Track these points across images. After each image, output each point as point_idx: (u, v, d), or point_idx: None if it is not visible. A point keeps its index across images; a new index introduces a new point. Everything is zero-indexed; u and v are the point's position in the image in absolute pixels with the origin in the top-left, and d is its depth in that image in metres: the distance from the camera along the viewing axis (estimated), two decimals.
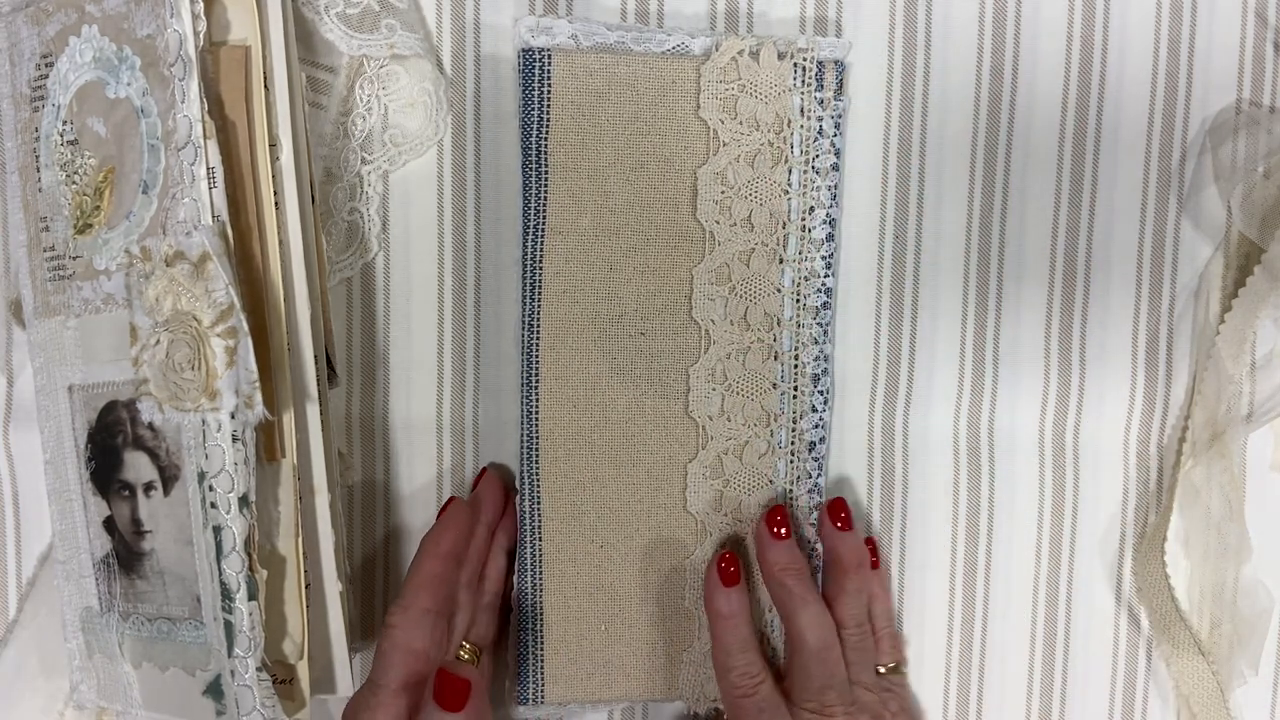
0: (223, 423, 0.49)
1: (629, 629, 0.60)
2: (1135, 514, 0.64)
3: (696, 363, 0.59)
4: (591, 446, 0.60)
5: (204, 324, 0.49)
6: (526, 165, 0.59)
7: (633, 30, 0.59)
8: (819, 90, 0.59)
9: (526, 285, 0.59)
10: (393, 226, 0.62)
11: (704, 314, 0.59)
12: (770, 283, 0.59)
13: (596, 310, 0.59)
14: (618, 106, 0.58)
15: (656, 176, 0.59)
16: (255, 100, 0.52)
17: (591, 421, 0.60)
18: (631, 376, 0.59)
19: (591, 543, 0.60)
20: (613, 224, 0.59)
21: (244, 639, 0.50)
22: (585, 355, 0.59)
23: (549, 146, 0.58)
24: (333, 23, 0.59)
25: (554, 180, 0.59)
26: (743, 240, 0.59)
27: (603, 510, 0.60)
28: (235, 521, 0.50)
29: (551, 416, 0.59)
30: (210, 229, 0.49)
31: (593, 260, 0.59)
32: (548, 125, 0.58)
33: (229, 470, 0.49)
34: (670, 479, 0.60)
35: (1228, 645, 0.62)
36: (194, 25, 0.50)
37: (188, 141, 0.50)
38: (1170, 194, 0.63)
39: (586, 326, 0.59)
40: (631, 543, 0.60)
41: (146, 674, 0.55)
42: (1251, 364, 0.62)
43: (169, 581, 0.53)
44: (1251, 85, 0.62)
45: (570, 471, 0.60)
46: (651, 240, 0.59)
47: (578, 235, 0.59)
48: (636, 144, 0.59)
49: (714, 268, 0.59)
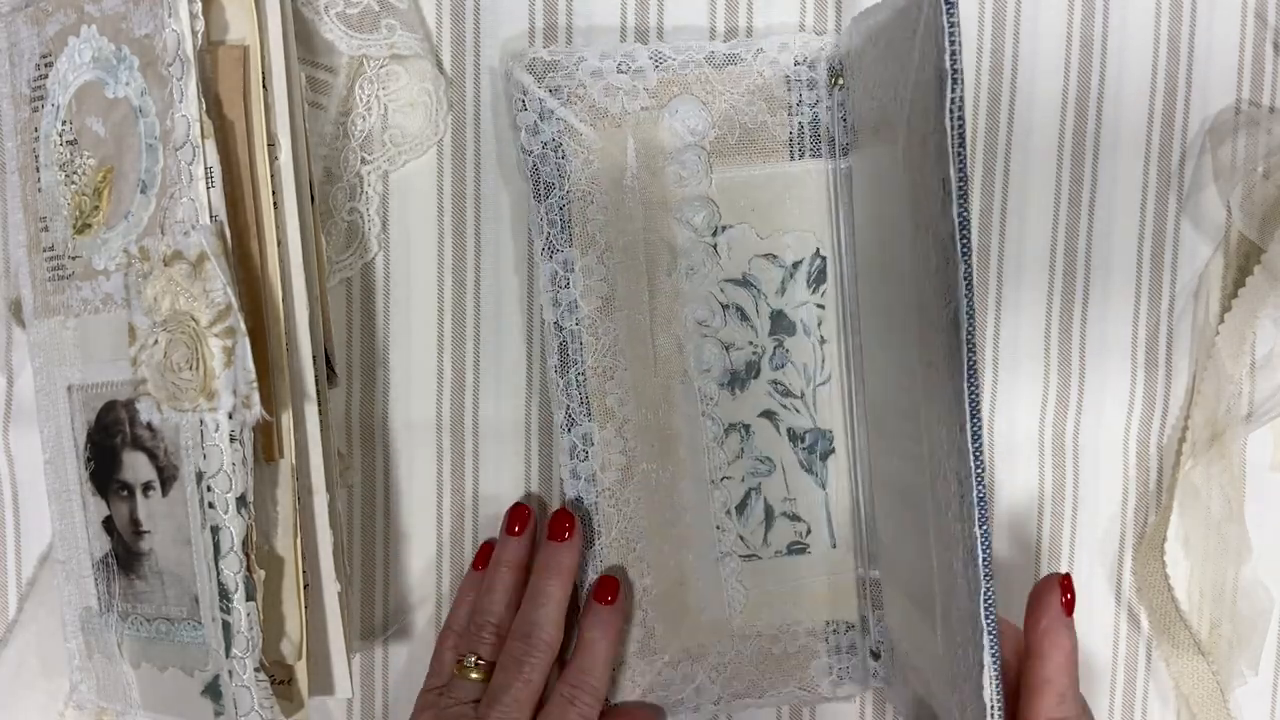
0: (220, 423, 0.49)
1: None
2: (1135, 514, 0.64)
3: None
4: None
5: (202, 324, 0.49)
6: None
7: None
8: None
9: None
10: (393, 226, 0.62)
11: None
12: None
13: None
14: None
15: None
16: (254, 100, 0.52)
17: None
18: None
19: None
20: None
21: (242, 639, 0.50)
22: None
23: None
24: (333, 23, 0.59)
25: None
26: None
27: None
28: (233, 522, 0.49)
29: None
30: (208, 229, 0.49)
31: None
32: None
33: (227, 470, 0.49)
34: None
35: (1227, 645, 0.62)
36: (192, 25, 0.50)
37: (185, 141, 0.50)
38: (1170, 194, 0.62)
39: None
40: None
41: (145, 674, 0.55)
42: (1251, 364, 0.62)
43: (167, 582, 0.53)
44: (1251, 85, 0.62)
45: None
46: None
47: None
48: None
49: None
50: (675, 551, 0.61)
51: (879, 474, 0.60)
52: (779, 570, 0.62)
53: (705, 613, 0.62)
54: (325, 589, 0.54)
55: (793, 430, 0.62)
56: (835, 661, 0.63)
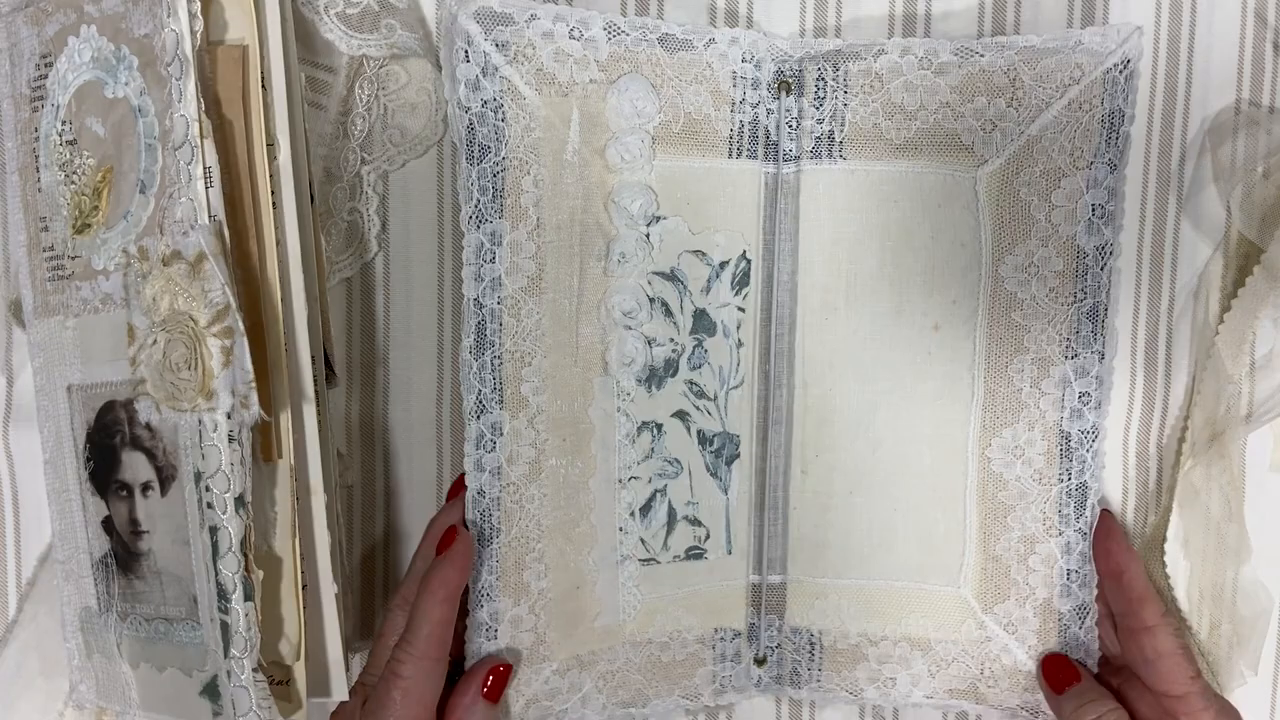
0: (219, 423, 0.49)
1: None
2: (1135, 514, 0.64)
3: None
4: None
5: (200, 324, 0.49)
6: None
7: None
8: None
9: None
10: (393, 226, 0.62)
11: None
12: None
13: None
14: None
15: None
16: (253, 100, 0.52)
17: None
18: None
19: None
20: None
21: (240, 640, 0.50)
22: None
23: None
24: (333, 23, 0.59)
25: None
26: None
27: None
28: (231, 522, 0.49)
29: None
30: (206, 228, 0.49)
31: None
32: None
33: (225, 471, 0.49)
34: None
35: (1227, 645, 0.62)
36: (191, 24, 0.50)
37: (184, 141, 0.50)
38: (1170, 194, 0.62)
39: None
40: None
41: (144, 674, 0.54)
42: (1251, 364, 0.62)
43: (166, 582, 0.53)
44: (1251, 85, 0.62)
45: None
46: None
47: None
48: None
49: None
50: (576, 553, 0.59)
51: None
52: (675, 575, 0.61)
53: (599, 619, 0.60)
54: (323, 590, 0.54)
55: (703, 433, 0.61)
56: (719, 669, 0.62)
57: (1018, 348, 0.59)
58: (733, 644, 0.62)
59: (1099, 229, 0.58)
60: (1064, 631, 0.60)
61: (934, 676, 0.61)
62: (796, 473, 0.61)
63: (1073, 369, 0.59)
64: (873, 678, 0.61)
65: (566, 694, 0.59)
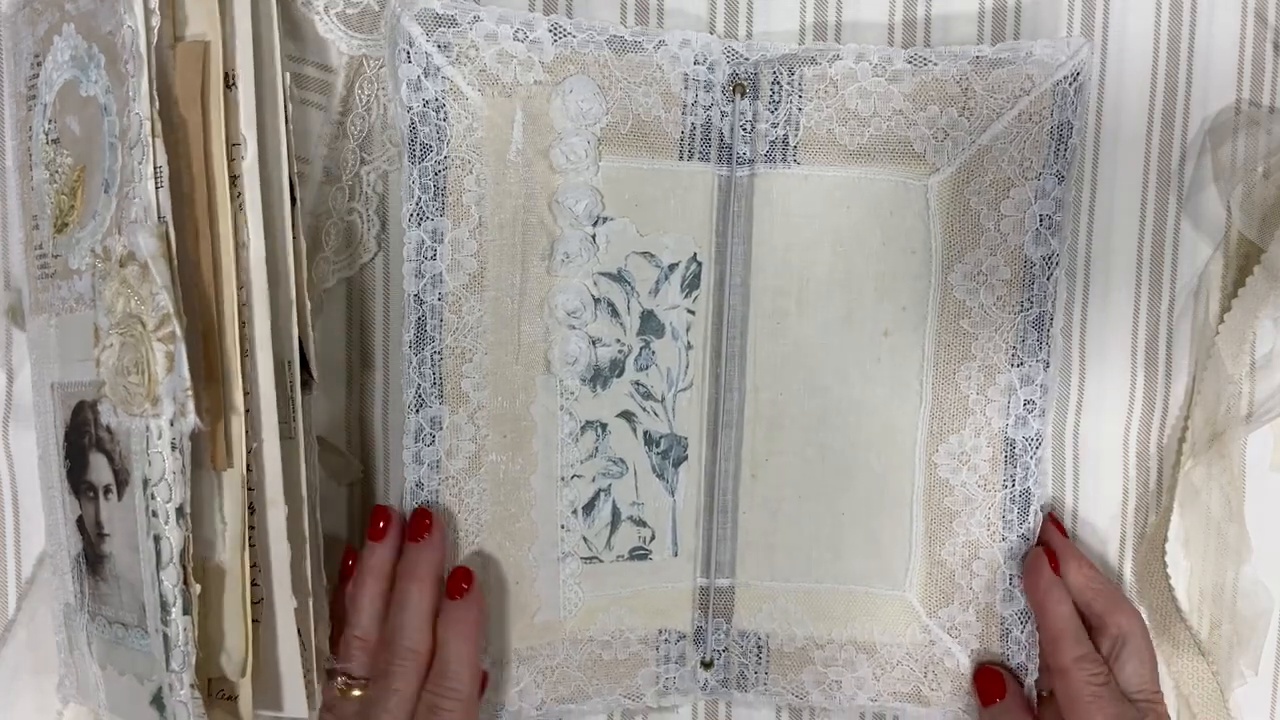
0: (163, 429, 0.48)
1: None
2: (1135, 514, 0.64)
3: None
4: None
5: (148, 327, 0.48)
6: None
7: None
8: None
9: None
10: (392, 226, 0.61)
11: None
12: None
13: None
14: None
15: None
16: (212, 97, 0.50)
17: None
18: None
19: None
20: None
21: (179, 654, 0.48)
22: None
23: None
24: (332, 22, 0.59)
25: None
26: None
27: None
28: (173, 532, 0.48)
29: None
30: (150, 229, 0.48)
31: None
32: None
33: (168, 479, 0.48)
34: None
35: (1227, 645, 0.62)
36: (147, 20, 0.49)
37: (138, 139, 0.49)
38: (1170, 194, 0.62)
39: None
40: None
41: (110, 676, 0.54)
42: (1251, 364, 0.62)
43: (123, 587, 0.52)
44: (1251, 85, 0.62)
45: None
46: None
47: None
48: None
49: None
50: (515, 549, 0.60)
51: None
52: (619, 575, 0.62)
53: (539, 614, 0.61)
54: (278, 604, 0.52)
55: (649, 434, 0.61)
56: (663, 671, 0.62)
57: (965, 355, 0.60)
58: (677, 646, 0.62)
59: (1046, 239, 0.58)
60: (1006, 635, 0.61)
61: (878, 679, 0.62)
62: (746, 476, 0.62)
63: (1018, 376, 0.59)
64: (818, 680, 0.62)
65: (504, 686, 0.60)
